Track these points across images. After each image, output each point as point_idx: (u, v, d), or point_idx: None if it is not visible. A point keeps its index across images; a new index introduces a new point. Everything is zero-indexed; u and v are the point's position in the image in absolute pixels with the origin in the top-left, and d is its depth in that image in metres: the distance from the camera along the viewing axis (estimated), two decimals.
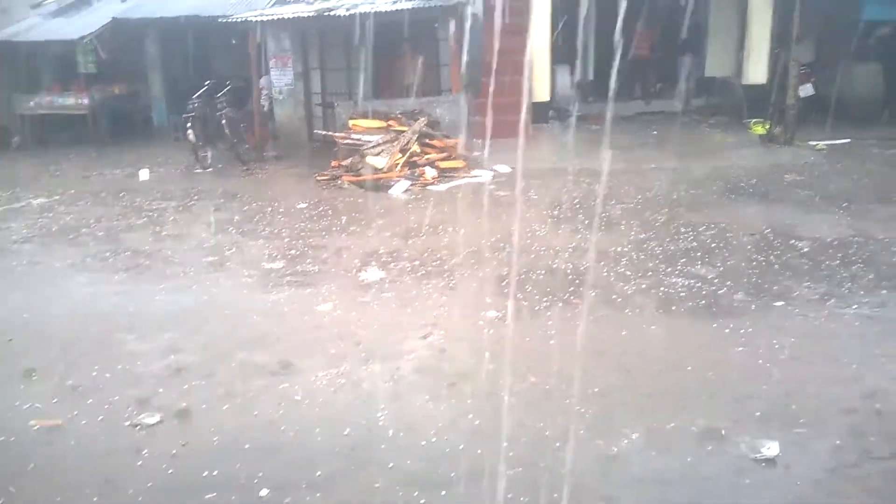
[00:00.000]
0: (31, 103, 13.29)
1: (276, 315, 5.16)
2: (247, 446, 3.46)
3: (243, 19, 11.14)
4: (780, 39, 11.80)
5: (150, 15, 13.20)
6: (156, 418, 3.77)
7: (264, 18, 11.04)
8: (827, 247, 6.08)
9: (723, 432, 3.39)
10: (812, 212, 7.18)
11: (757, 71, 12.44)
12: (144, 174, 10.49)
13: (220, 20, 11.35)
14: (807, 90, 11.72)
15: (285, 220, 7.70)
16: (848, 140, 10.71)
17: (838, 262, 5.71)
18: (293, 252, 6.60)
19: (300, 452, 3.39)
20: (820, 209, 7.26)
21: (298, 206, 8.27)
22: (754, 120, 11.61)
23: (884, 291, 5.10)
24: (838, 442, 3.29)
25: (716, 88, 13.90)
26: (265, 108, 12.37)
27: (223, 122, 11.00)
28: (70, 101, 13.23)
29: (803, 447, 3.26)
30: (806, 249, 6.05)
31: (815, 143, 10.52)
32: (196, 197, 9.02)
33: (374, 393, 3.93)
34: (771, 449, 3.19)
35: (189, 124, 10.71)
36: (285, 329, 4.88)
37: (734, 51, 13.44)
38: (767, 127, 10.98)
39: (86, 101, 13.11)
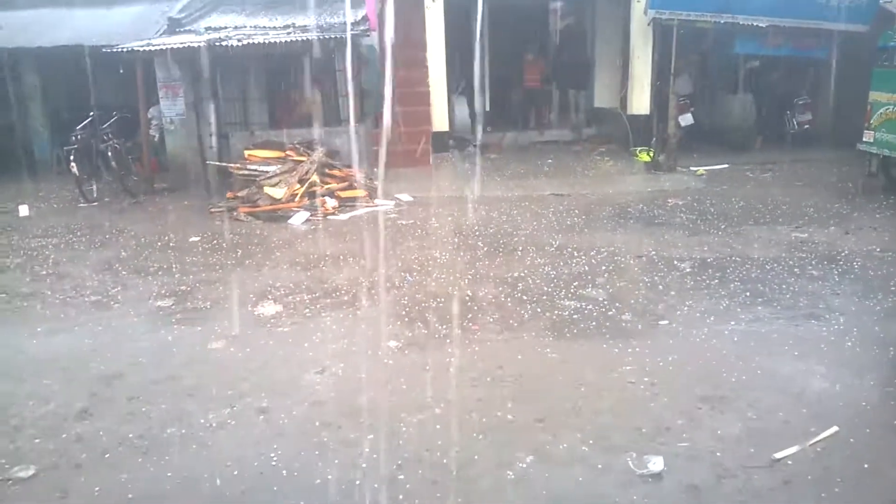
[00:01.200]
0: None
1: (164, 355, 4.93)
2: (130, 496, 3.27)
3: (130, 49, 10.76)
4: (661, 73, 12.54)
5: (27, 44, 12.51)
6: (30, 471, 3.51)
7: (152, 49, 10.71)
8: (707, 266, 6.45)
9: (612, 450, 3.50)
10: (694, 234, 7.61)
11: (641, 102, 13.14)
12: (24, 210, 9.86)
13: (104, 50, 10.91)
14: (687, 120, 12.51)
15: (176, 255, 7.41)
16: (726, 165, 11.49)
17: (717, 280, 6.07)
18: (184, 288, 6.36)
19: (188, 499, 3.24)
20: (701, 231, 7.71)
21: (191, 240, 7.98)
22: (640, 148, 12.25)
23: (759, 308, 5.45)
24: (718, 454, 3.46)
25: (604, 119, 14.58)
26: (155, 139, 11.95)
27: (109, 153, 10.54)
28: None
29: (686, 460, 3.41)
30: (688, 270, 6.39)
31: (695, 168, 11.21)
32: (79, 232, 8.55)
33: (268, 432, 3.81)
34: (656, 464, 3.33)
35: (72, 157, 10.20)
36: (174, 370, 4.68)
37: (619, 83, 14.16)
38: (652, 154, 11.60)
39: None
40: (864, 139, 9.57)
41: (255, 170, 9.73)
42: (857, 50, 11.90)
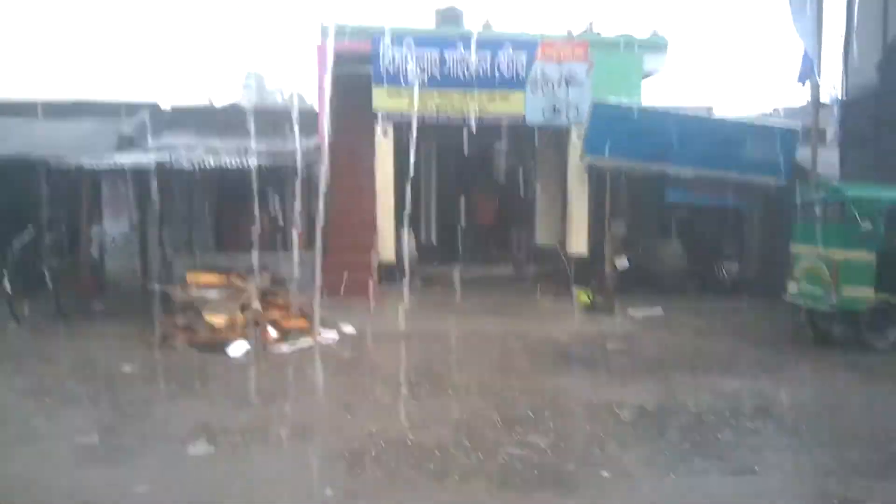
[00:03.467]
0: None
1: (87, 498, 4.62)
2: None
3: (77, 164, 10.71)
4: (597, 215, 13.20)
5: None
6: None
7: (100, 165, 10.70)
8: (645, 415, 6.53)
9: None
10: (632, 380, 7.75)
11: (579, 242, 13.75)
12: None
13: (51, 164, 10.84)
14: (622, 263, 13.04)
15: (106, 386, 7.10)
16: (660, 310, 11.87)
17: (655, 430, 6.14)
18: (111, 424, 6.04)
19: None
20: (638, 377, 7.86)
21: (123, 370, 7.69)
22: (580, 288, 12.64)
23: (697, 459, 5.50)
24: None
25: (545, 256, 15.10)
26: (95, 258, 11.72)
27: (46, 272, 10.26)
28: None
29: None
30: (627, 417, 6.46)
31: (632, 311, 11.57)
32: (5, 356, 8.14)
33: None
34: None
35: (5, 274, 9.87)
36: None
37: (559, 222, 14.80)
38: (591, 296, 11.97)
39: None
40: (789, 290, 10.03)
41: (197, 295, 9.59)
42: (779, 202, 12.82)
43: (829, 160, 13.13)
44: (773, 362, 8.65)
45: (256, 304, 9.54)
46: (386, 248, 13.49)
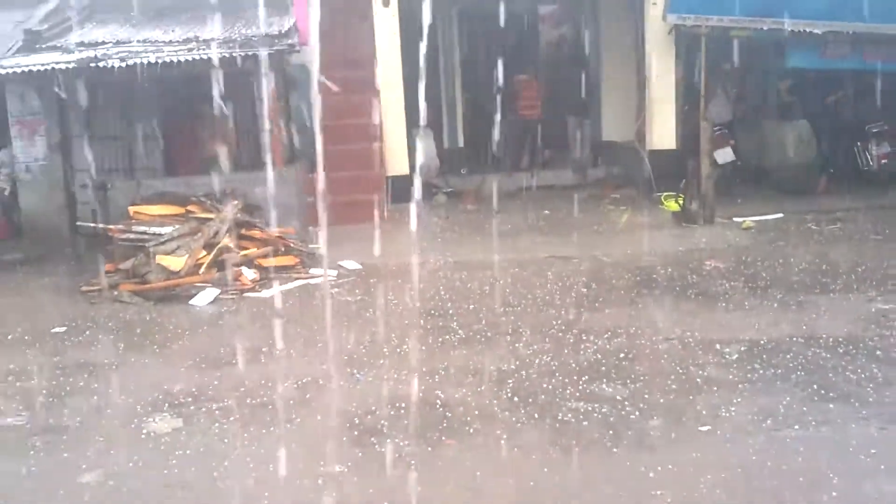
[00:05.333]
0: None
1: (18, 493, 4.85)
2: None
3: None
4: (689, 96, 12.96)
5: None
6: None
7: (1, 71, 10.80)
8: (760, 352, 6.56)
9: None
10: (740, 308, 7.77)
11: (664, 134, 13.55)
12: None
13: None
14: (726, 155, 12.90)
15: (33, 353, 7.36)
16: (780, 215, 11.80)
17: (774, 370, 6.17)
18: (44, 400, 6.28)
19: None
20: (750, 304, 7.87)
21: (53, 331, 7.95)
22: (665, 194, 12.55)
23: (831, 405, 5.53)
24: None
25: (617, 156, 14.96)
26: (5, 193, 11.96)
27: None
28: None
29: None
30: (735, 357, 6.50)
31: (740, 220, 11.51)
32: None
33: None
34: None
35: None
36: None
37: (635, 110, 14.57)
38: (682, 202, 11.87)
39: None
40: None
41: (144, 233, 9.75)
42: None
43: None
44: None
45: (226, 239, 9.69)
46: (396, 158, 13.49)
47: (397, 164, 13.47)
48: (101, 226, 10.58)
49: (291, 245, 10.28)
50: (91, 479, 4.97)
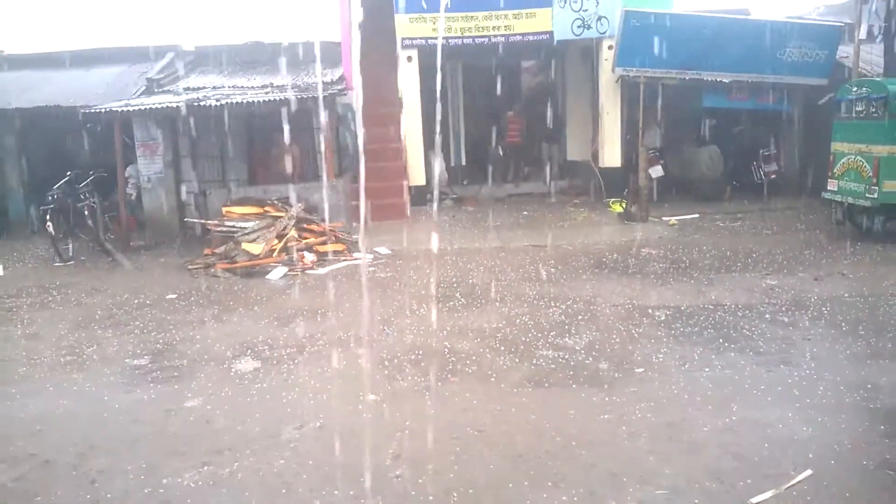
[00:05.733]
0: None
1: (140, 414, 4.88)
2: None
3: (108, 109, 10.89)
4: (630, 127, 12.92)
5: (5, 106, 12.59)
6: None
7: (130, 109, 10.84)
8: (681, 315, 6.56)
9: (592, 499, 3.51)
10: (667, 283, 7.76)
11: (612, 155, 13.49)
12: None
13: (83, 111, 11.03)
14: (657, 171, 12.83)
15: (153, 313, 7.38)
16: (696, 215, 11.77)
17: (691, 328, 6.18)
18: (160, 346, 6.32)
19: None
20: (674, 280, 7.86)
21: (167, 297, 7.97)
22: (613, 200, 12.52)
23: (732, 354, 5.54)
24: (696, 501, 3.49)
25: (577, 171, 14.92)
26: (132, 197, 12.00)
27: (86, 212, 10.55)
28: None
29: None
30: (663, 318, 6.50)
31: (667, 219, 11.47)
32: (55, 292, 8.49)
33: (245, 492, 3.77)
34: None
35: (48, 216, 10.20)
36: (150, 429, 4.62)
37: (591, 137, 14.54)
38: (624, 205, 11.85)
39: None
40: (828, 188, 9.93)
41: (233, 226, 9.79)
42: (818, 101, 12.43)
43: (870, 58, 12.57)
44: (810, 259, 8.55)
45: (292, 232, 9.72)
46: (416, 172, 13.47)
47: (416, 176, 13.44)
48: (201, 221, 10.60)
49: (340, 236, 10.28)
50: (194, 404, 5.01)
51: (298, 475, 3.90)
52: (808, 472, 3.69)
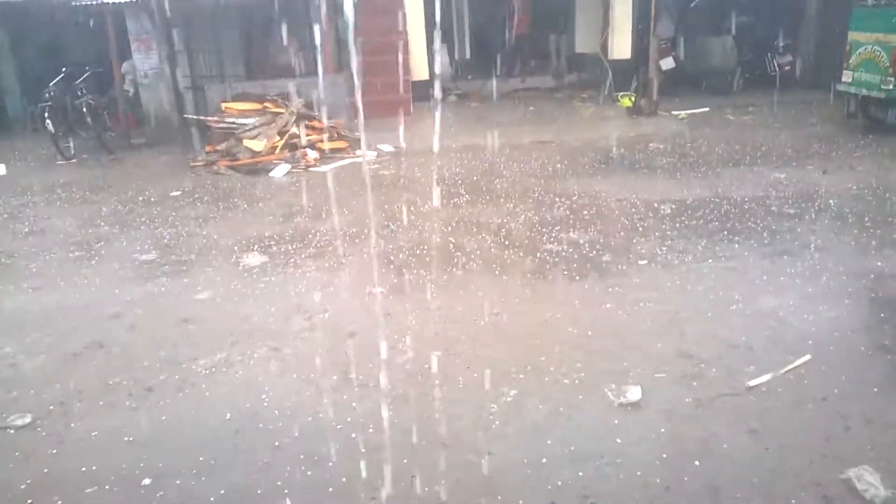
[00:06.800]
0: None
1: (152, 306, 4.99)
2: (127, 439, 3.37)
3: (99, 2, 10.49)
4: (642, 16, 12.44)
5: None
6: (27, 419, 3.59)
7: (122, 0, 10.45)
8: (687, 208, 6.56)
9: (592, 381, 3.64)
10: (674, 177, 7.70)
11: (622, 46, 13.07)
12: (1, 169, 9.75)
13: (73, 3, 10.63)
14: (668, 63, 12.48)
15: (158, 210, 7.41)
16: (707, 109, 11.54)
17: (696, 221, 6.18)
18: (167, 242, 6.38)
19: (183, 440, 3.34)
20: (681, 174, 7.80)
21: (172, 194, 7.98)
22: (622, 93, 12.24)
23: (736, 246, 5.57)
24: (694, 384, 3.60)
25: (585, 64, 14.50)
26: (130, 94, 11.77)
27: (84, 109, 10.39)
28: None
29: (664, 390, 3.55)
30: (668, 211, 6.50)
31: (677, 112, 11.25)
32: (59, 190, 8.50)
33: (257, 377, 3.90)
34: (634, 394, 3.47)
35: (47, 114, 10.05)
36: (162, 321, 4.74)
37: (600, 28, 14.03)
38: (634, 99, 11.59)
39: None
40: (842, 80, 9.66)
41: (234, 123, 9.65)
42: None
43: None
44: (822, 152, 8.45)
45: (294, 128, 9.59)
46: (418, 65, 13.11)
47: (419, 71, 13.10)
48: (200, 118, 10.44)
49: (341, 133, 10.14)
50: (204, 297, 5.11)
51: (308, 363, 4.03)
52: (807, 357, 3.79)
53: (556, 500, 2.77)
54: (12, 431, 3.51)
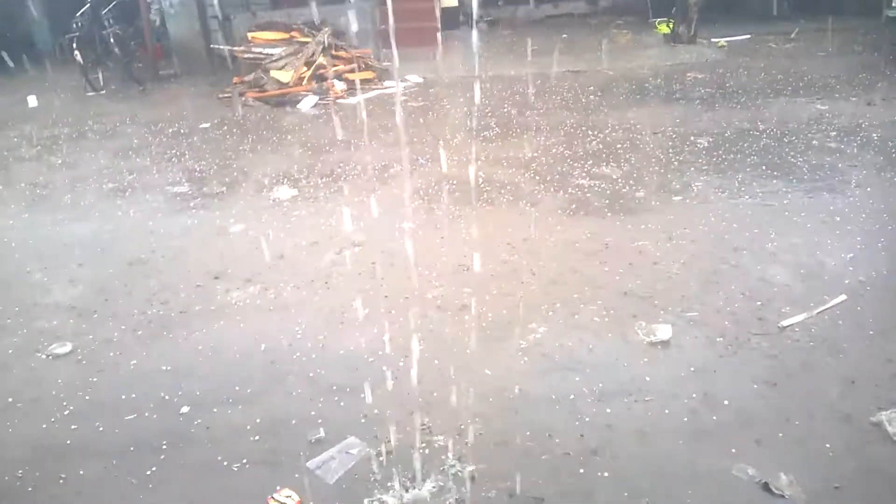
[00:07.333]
0: None
1: (186, 238, 5.07)
2: (164, 368, 3.47)
3: None
4: None
5: None
6: (67, 348, 3.71)
7: None
8: (724, 141, 6.38)
9: (621, 319, 3.63)
10: (712, 108, 7.48)
11: None
12: (32, 100, 9.82)
13: None
14: None
15: (188, 142, 7.44)
16: (748, 36, 11.09)
17: (733, 155, 6.02)
18: (199, 174, 6.43)
19: (219, 370, 3.43)
20: (719, 105, 7.57)
21: (201, 126, 7.99)
22: (659, 20, 11.80)
23: (774, 181, 5.43)
24: (726, 323, 3.57)
25: None
26: (157, 24, 11.66)
27: (111, 40, 10.34)
28: None
29: (695, 328, 3.53)
30: (705, 145, 6.33)
31: (716, 40, 10.84)
32: (90, 121, 8.56)
33: (290, 309, 3.97)
34: (663, 332, 3.45)
35: (75, 45, 10.02)
36: (196, 251, 4.82)
37: None
38: (671, 26, 11.17)
39: None
40: (892, 4, 9.20)
41: (260, 53, 9.53)
42: None
43: None
44: (865, 83, 8.10)
45: (321, 59, 9.45)
46: None
47: None
48: (227, 48, 10.32)
49: (369, 63, 9.98)
50: (236, 230, 5.17)
51: (340, 296, 4.07)
52: (843, 297, 3.72)
53: (585, 433, 2.81)
54: (53, 359, 3.64)
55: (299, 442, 2.85)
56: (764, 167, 5.71)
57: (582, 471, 2.62)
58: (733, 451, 2.66)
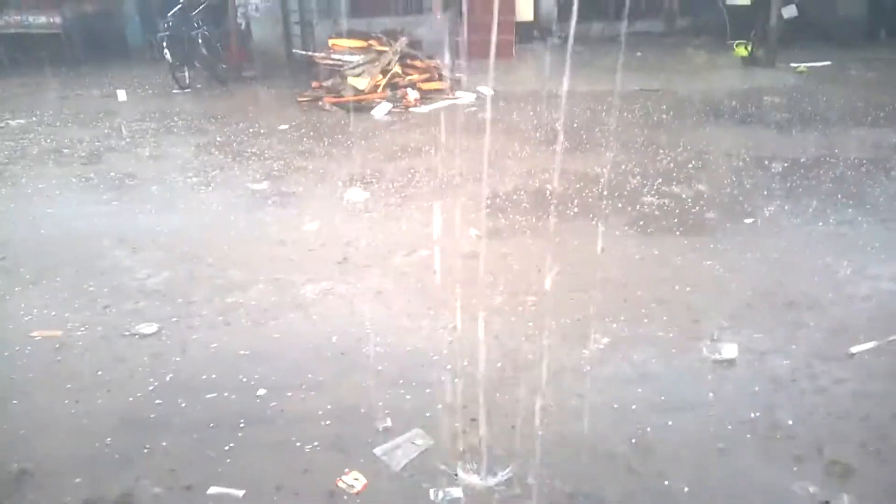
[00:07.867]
0: (1, 22, 12.92)
1: (264, 234, 5.31)
2: (242, 353, 3.68)
3: None
4: None
5: None
6: (153, 328, 3.96)
7: None
8: (799, 167, 6.30)
9: (687, 336, 3.66)
10: (788, 134, 7.38)
11: None
12: (122, 95, 10.39)
13: None
14: (790, 11, 11.73)
15: (267, 142, 7.76)
16: (829, 62, 10.85)
17: (808, 181, 5.95)
18: (277, 173, 6.70)
19: (293, 358, 3.62)
20: (795, 131, 7.46)
21: (280, 128, 8.31)
22: (737, 42, 11.64)
23: (849, 210, 5.34)
24: (793, 347, 3.57)
25: (699, 9, 13.82)
26: (242, 27, 12.16)
27: (199, 40, 10.83)
28: (42, 19, 12.88)
29: (760, 351, 3.53)
30: (779, 170, 6.27)
31: (796, 65, 10.64)
32: (176, 118, 9.00)
33: (361, 306, 4.13)
34: (730, 351, 3.47)
35: (165, 43, 10.55)
36: (273, 247, 5.05)
37: None
38: (750, 49, 11.02)
39: (58, 20, 12.79)
40: None
41: (339, 59, 9.85)
42: None
43: None
44: None
45: (397, 68, 9.70)
46: (524, 6, 12.88)
47: (524, 12, 12.87)
48: (309, 53, 10.69)
49: (443, 73, 10.18)
50: (311, 228, 5.38)
51: (408, 296, 4.22)
52: None
53: (645, 442, 2.86)
54: (139, 338, 3.89)
55: (367, 429, 3.00)
56: (839, 195, 5.62)
57: (640, 477, 2.68)
58: (795, 469, 2.68)
